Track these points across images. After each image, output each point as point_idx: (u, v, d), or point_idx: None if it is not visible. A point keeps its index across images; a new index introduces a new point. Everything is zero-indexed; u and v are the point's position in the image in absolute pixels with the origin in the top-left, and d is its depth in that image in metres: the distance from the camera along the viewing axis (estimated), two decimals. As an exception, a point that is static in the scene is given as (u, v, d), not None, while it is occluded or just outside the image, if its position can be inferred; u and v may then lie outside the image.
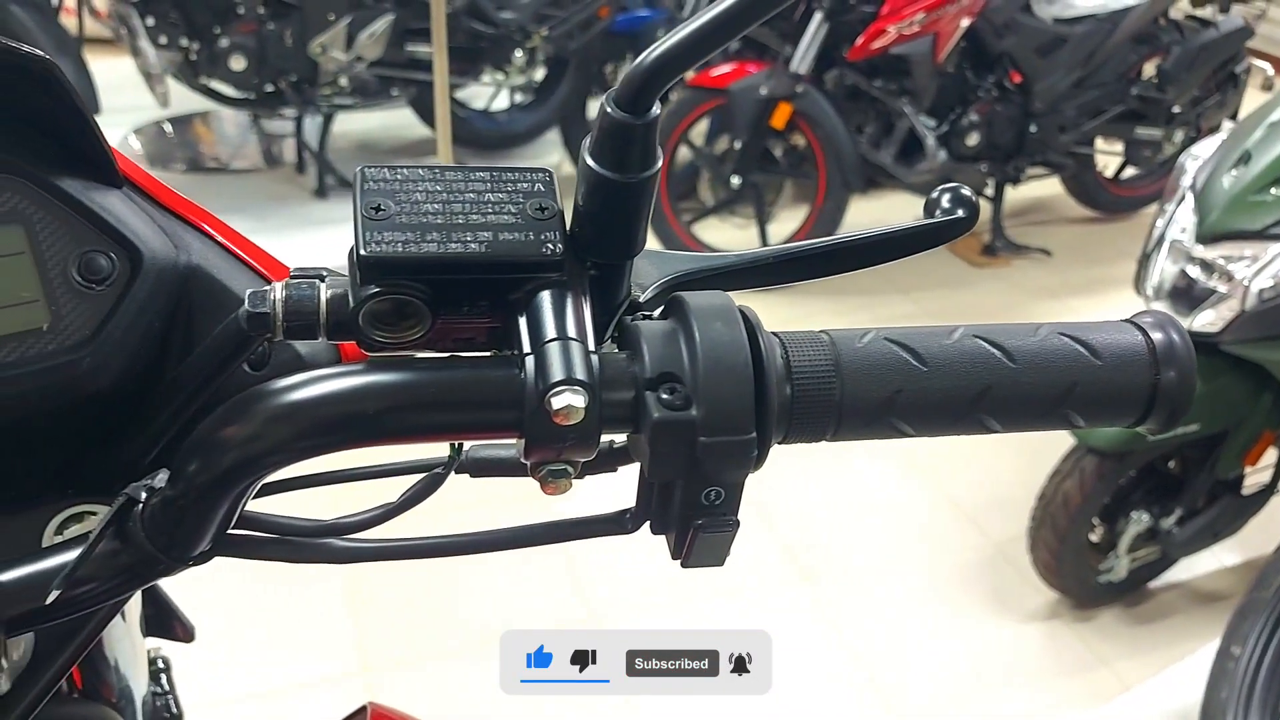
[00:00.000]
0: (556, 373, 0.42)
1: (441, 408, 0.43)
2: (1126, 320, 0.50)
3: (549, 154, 4.99)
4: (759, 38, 4.36)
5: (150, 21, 3.86)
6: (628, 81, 0.42)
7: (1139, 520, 2.39)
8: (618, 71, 5.12)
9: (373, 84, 4.28)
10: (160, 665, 0.82)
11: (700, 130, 4.22)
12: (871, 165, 4.05)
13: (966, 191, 0.55)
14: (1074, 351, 0.47)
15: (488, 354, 0.47)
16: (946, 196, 0.55)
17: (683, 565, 0.48)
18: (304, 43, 4.00)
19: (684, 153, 4.17)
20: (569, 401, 0.41)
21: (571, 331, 0.43)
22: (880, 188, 4.33)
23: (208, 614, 0.84)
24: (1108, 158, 4.64)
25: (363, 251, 0.43)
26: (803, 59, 3.82)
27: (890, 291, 4.00)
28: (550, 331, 0.43)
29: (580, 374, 0.42)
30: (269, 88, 4.10)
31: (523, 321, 0.44)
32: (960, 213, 0.54)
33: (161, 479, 0.49)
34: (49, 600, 0.46)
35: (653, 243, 0.49)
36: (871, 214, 4.51)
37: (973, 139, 4.02)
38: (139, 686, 0.73)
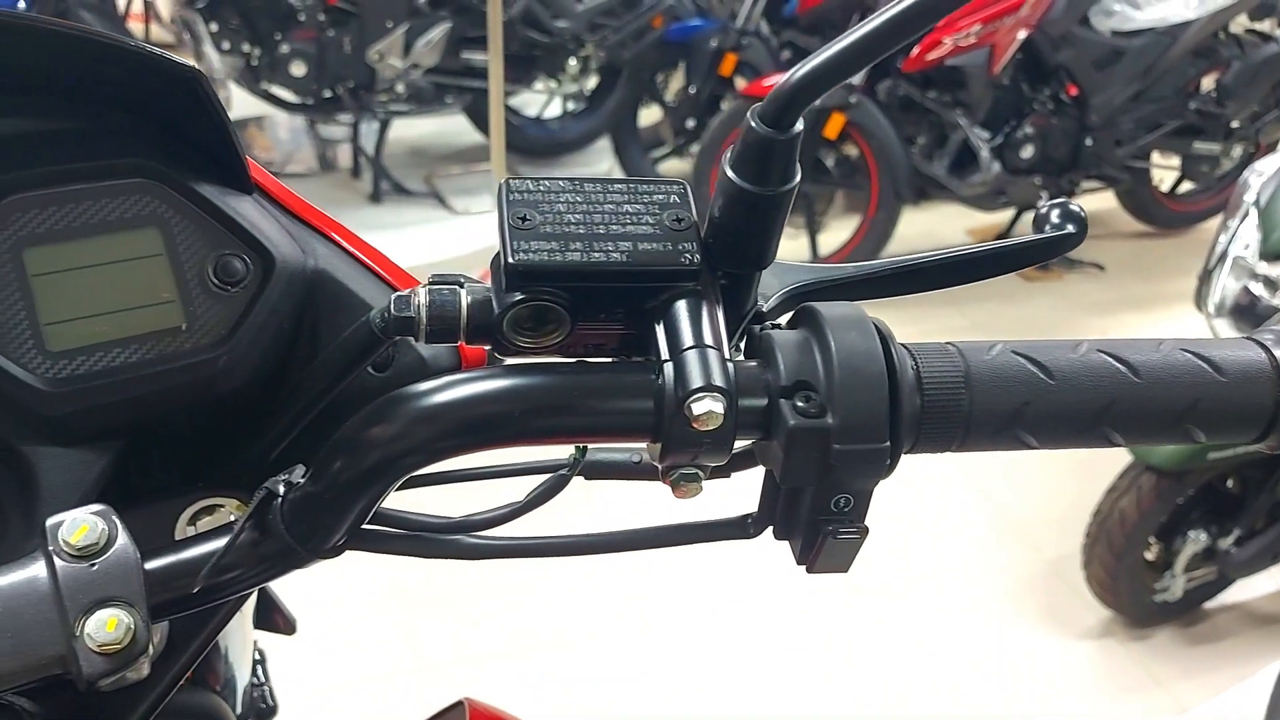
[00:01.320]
0: (696, 379, 0.43)
1: (581, 411, 0.45)
2: (1247, 337, 0.50)
3: (600, 161, 5.02)
4: (811, 47, 4.38)
5: (214, 27, 3.94)
6: (774, 98, 0.43)
7: (1196, 540, 2.36)
8: (669, 80, 5.15)
9: (428, 90, 4.33)
10: (258, 656, 0.84)
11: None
12: (923, 176, 4.04)
13: (1075, 206, 0.56)
14: (1197, 367, 0.47)
15: (620, 360, 0.48)
16: (1056, 212, 0.55)
17: (808, 570, 0.49)
18: (362, 49, 4.07)
19: (735, 162, 4.18)
20: (709, 408, 0.42)
21: (708, 339, 0.44)
22: (931, 199, 4.31)
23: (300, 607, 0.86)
24: (1164, 172, 4.60)
25: (511, 259, 0.45)
26: (857, 70, 3.82)
27: (942, 304, 3.98)
28: (688, 339, 0.44)
29: (719, 381, 0.43)
30: (327, 93, 4.17)
31: (659, 329, 0.45)
32: (1070, 228, 0.55)
33: (298, 474, 0.51)
34: (197, 588, 0.49)
35: None
36: (922, 225, 4.49)
37: (1027, 151, 4.00)
38: (242, 676, 0.75)
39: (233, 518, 0.57)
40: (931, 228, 4.61)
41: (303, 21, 4.00)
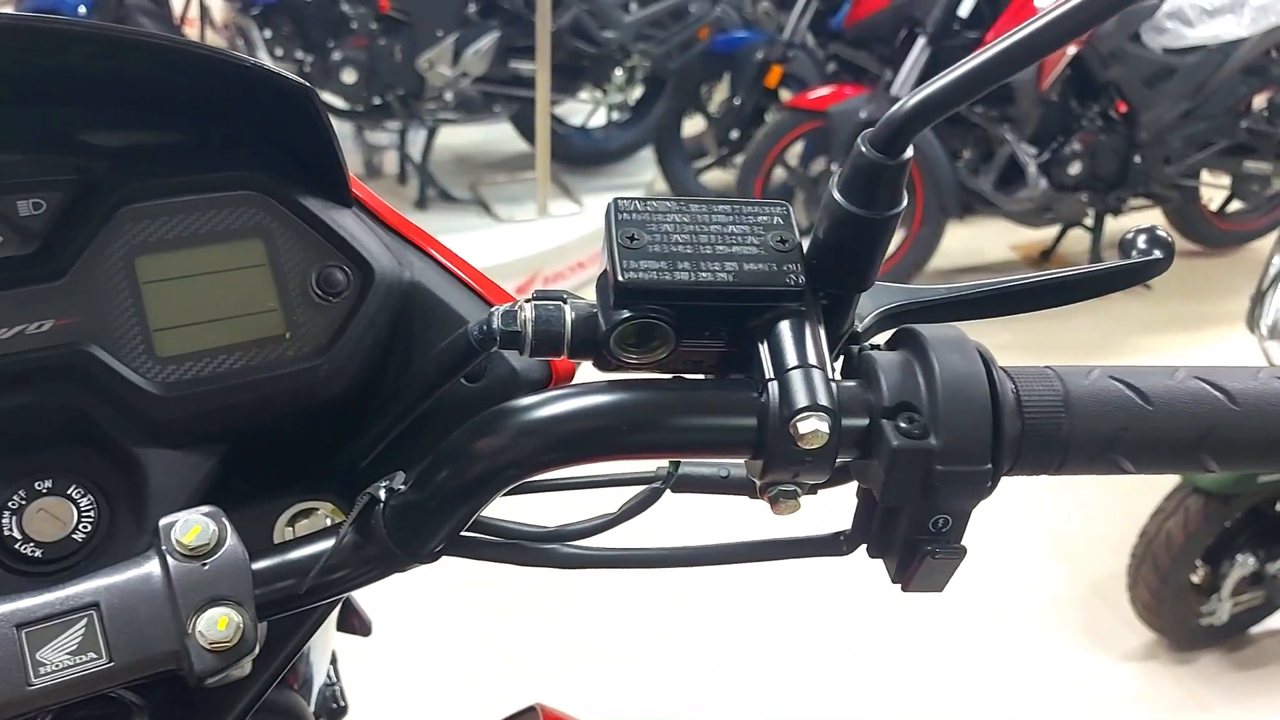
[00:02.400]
0: (801, 399, 0.44)
1: (684, 427, 0.46)
2: None
3: (643, 171, 5.04)
4: (857, 61, 4.38)
5: (268, 34, 4.00)
6: (886, 124, 0.44)
7: (1244, 563, 2.34)
8: (713, 91, 5.17)
9: (476, 99, 4.37)
10: (331, 657, 0.86)
11: (795, 152, 4.24)
12: (968, 191, 4.03)
13: (1163, 233, 0.56)
14: None
15: (722, 378, 0.49)
16: (1143, 238, 0.56)
17: (904, 589, 0.50)
18: (412, 58, 4.12)
19: (779, 173, 4.19)
20: (815, 426, 0.43)
21: (812, 359, 0.45)
22: (976, 214, 4.29)
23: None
24: (1213, 191, 4.55)
25: (620, 278, 0.46)
26: (904, 83, 3.82)
27: (987, 321, 3.96)
28: (792, 359, 0.45)
29: (824, 400, 0.44)
30: (377, 100, 4.22)
31: (763, 348, 0.46)
32: (1157, 253, 0.56)
33: (399, 481, 0.52)
34: (305, 589, 0.50)
35: None
36: (966, 240, 4.47)
37: (1075, 168, 3.97)
38: (319, 676, 0.77)
39: (329, 521, 0.58)
40: (975, 243, 4.59)
41: (355, 29, 4.05)
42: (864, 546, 0.51)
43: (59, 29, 0.51)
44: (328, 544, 0.51)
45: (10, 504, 0.53)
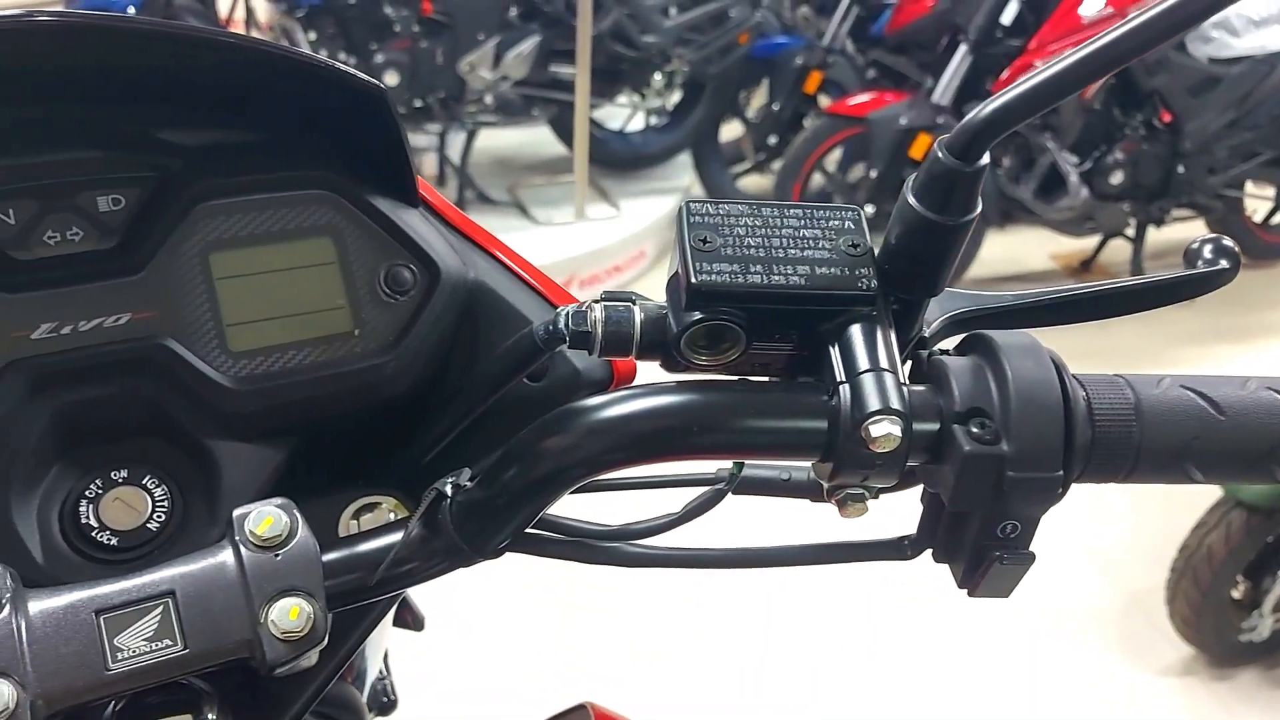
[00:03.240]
0: (873, 402, 0.44)
1: (754, 429, 0.47)
2: None
3: (680, 176, 5.05)
4: (897, 67, 4.36)
5: (312, 35, 4.04)
6: (963, 131, 0.44)
7: (1287, 580, 2.31)
8: (751, 96, 5.16)
9: (516, 102, 4.40)
10: (383, 651, 0.87)
11: (834, 158, 4.22)
12: (1008, 199, 4.00)
13: (1229, 243, 0.56)
14: None
15: (792, 380, 0.49)
16: (1209, 248, 0.56)
17: (970, 595, 0.50)
18: (454, 61, 4.14)
19: (817, 179, 4.18)
20: (887, 430, 0.44)
21: (884, 363, 0.46)
22: (1016, 222, 4.26)
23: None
24: (1257, 202, 4.49)
25: (694, 280, 0.46)
26: (945, 90, 3.81)
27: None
28: (864, 362, 0.46)
29: (896, 404, 0.44)
30: (418, 103, 4.25)
31: (834, 351, 0.47)
32: (1223, 263, 0.55)
33: (464, 477, 0.53)
34: (374, 581, 0.51)
35: None
36: (1005, 249, 4.44)
37: (1117, 177, 3.94)
38: (373, 670, 0.78)
39: (393, 516, 0.59)
40: (1015, 251, 4.55)
41: (398, 32, 4.08)
42: (929, 551, 0.52)
43: (142, 30, 0.52)
44: (395, 537, 0.52)
45: (88, 493, 0.54)
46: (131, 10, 3.91)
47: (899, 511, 0.61)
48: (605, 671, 2.39)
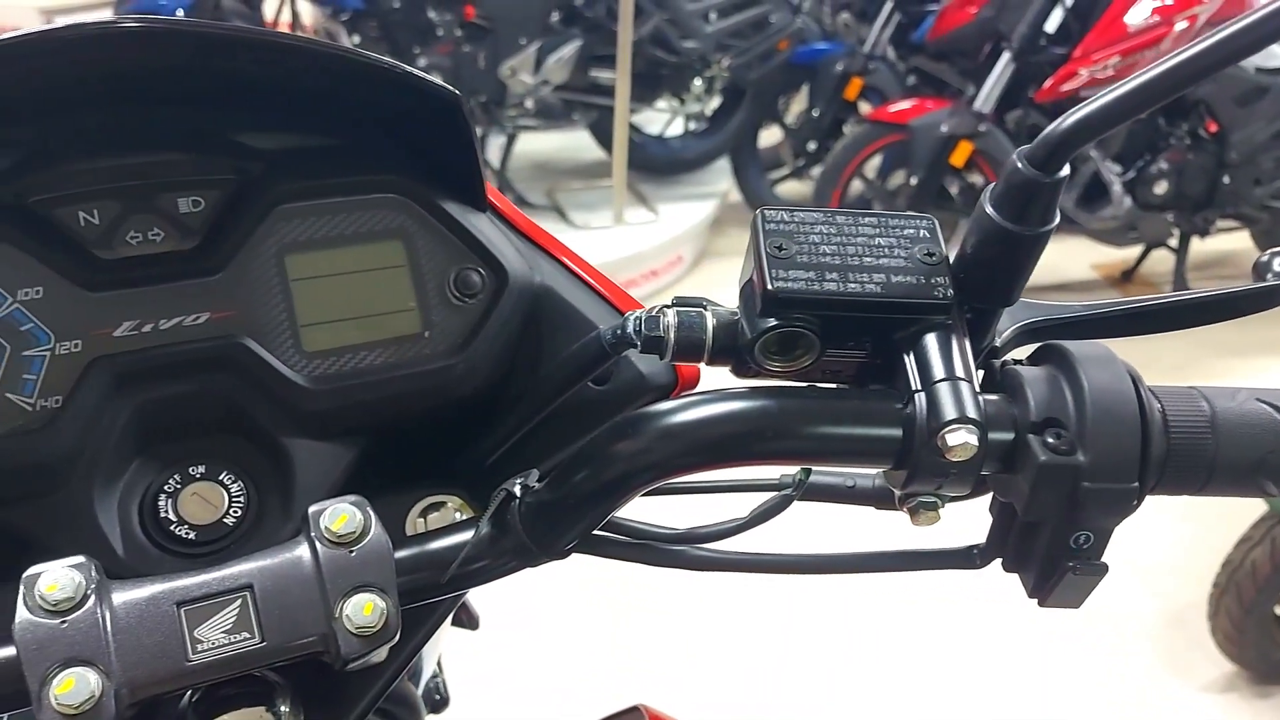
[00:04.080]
0: (949, 411, 0.45)
1: (827, 435, 0.47)
2: None
3: (719, 181, 5.05)
4: (939, 74, 4.34)
5: (356, 39, 4.09)
6: (1044, 141, 0.44)
7: (1333, 597, 2.27)
8: (790, 102, 5.16)
9: (556, 106, 4.42)
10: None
11: (873, 165, 4.21)
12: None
13: None
14: None
15: (865, 387, 0.49)
16: (1279, 260, 0.56)
17: (1041, 604, 0.50)
18: (496, 65, 4.17)
19: (856, 186, 4.17)
20: (964, 439, 0.44)
21: (959, 372, 0.46)
22: (1057, 231, 4.20)
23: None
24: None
25: (770, 286, 0.47)
26: (987, 98, 3.79)
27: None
28: (939, 371, 0.46)
29: (972, 413, 0.44)
30: (459, 106, 4.28)
31: (909, 360, 0.47)
32: None
33: (533, 478, 0.54)
34: (446, 579, 0.52)
35: None
36: (1046, 258, 4.35)
37: (1161, 187, 3.90)
38: (428, 668, 0.79)
39: (459, 515, 0.60)
40: (1056, 261, 4.52)
41: (440, 36, 4.12)
42: (998, 560, 0.52)
43: (228, 36, 0.53)
44: (464, 536, 0.53)
45: (166, 488, 0.56)
46: (180, 13, 3.97)
47: (957, 522, 0.61)
48: (661, 673, 2.39)
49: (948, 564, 0.55)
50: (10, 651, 0.45)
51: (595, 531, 0.53)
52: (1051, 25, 3.79)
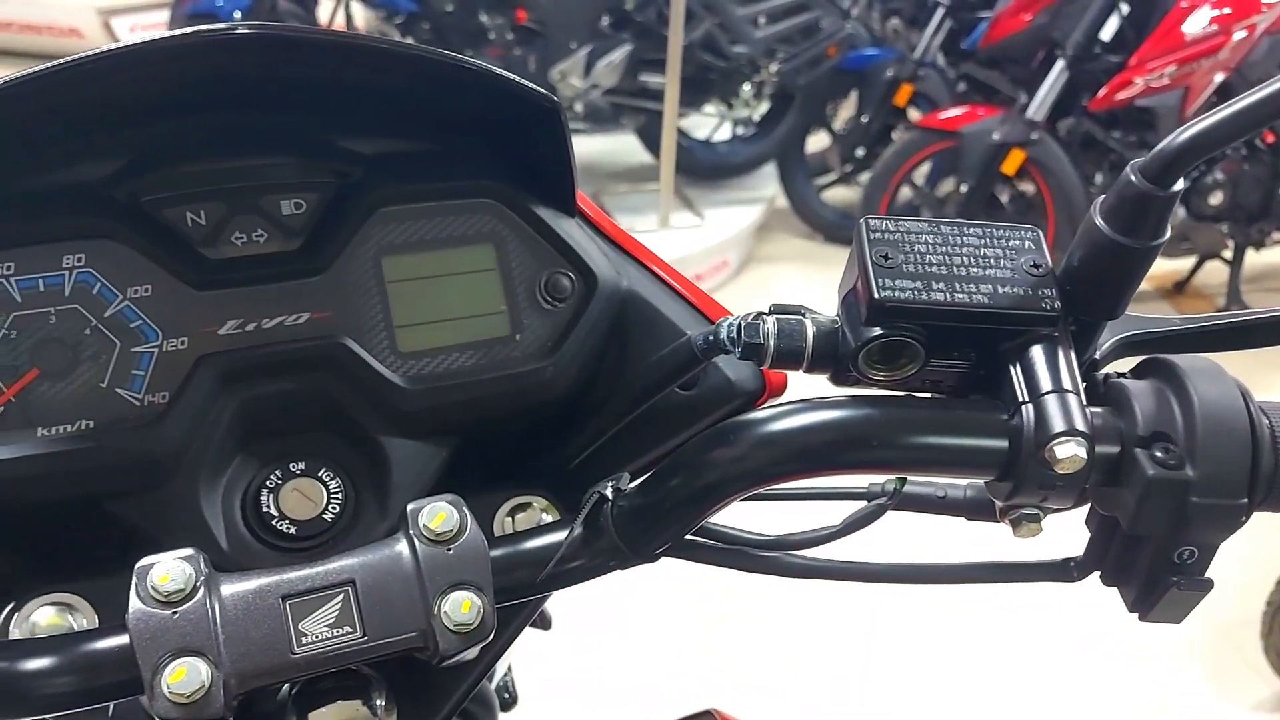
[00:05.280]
0: (1058, 424, 0.45)
1: (931, 445, 0.47)
2: None
3: (765, 186, 5.04)
4: (990, 81, 4.31)
5: (409, 41, 4.12)
6: (1158, 156, 0.44)
7: (1392, 616, 2.23)
8: (838, 108, 5.14)
9: (605, 110, 4.43)
10: (506, 649, 0.89)
11: (922, 171, 4.19)
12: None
13: None
14: None
15: (968, 398, 0.49)
16: None
17: (1141, 619, 0.50)
18: (546, 68, 4.20)
19: (905, 192, 4.15)
20: (1073, 452, 0.44)
21: (1067, 384, 0.46)
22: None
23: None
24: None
25: (876, 295, 0.47)
26: (1040, 106, 3.75)
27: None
28: (1046, 383, 0.46)
29: (1081, 426, 0.44)
30: (508, 109, 4.30)
31: (1015, 371, 0.47)
32: None
33: (624, 481, 0.54)
34: (541, 578, 0.53)
35: None
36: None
37: (1216, 198, 3.84)
38: (502, 668, 0.80)
39: (546, 516, 0.61)
40: (1105, 271, 4.46)
41: (492, 40, 4.15)
42: (1096, 574, 0.51)
43: (340, 42, 0.54)
44: (556, 537, 0.54)
45: (268, 483, 0.57)
46: (238, 15, 4.03)
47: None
48: (749, 681, 2.38)
49: (1043, 576, 0.55)
50: (123, 640, 0.47)
51: (687, 536, 0.54)
52: (1107, 33, 3.76)
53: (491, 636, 0.50)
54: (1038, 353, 0.47)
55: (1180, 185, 0.44)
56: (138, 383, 0.55)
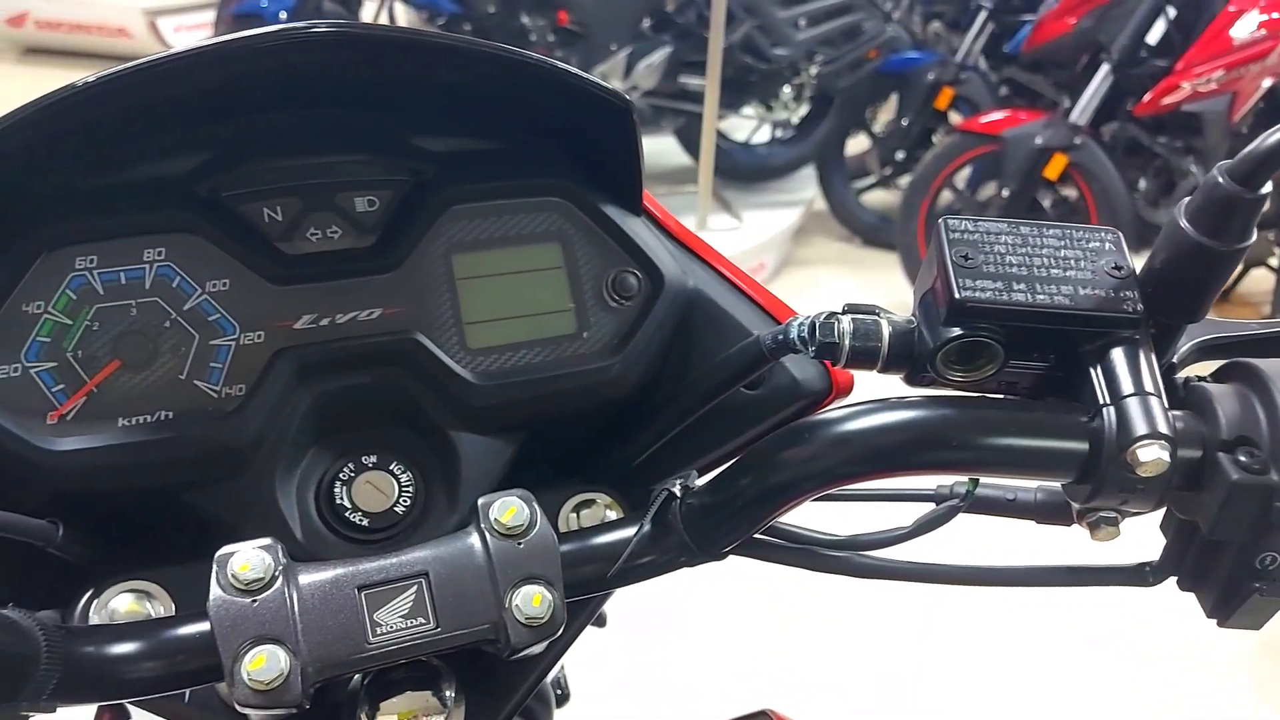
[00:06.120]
0: (1140, 427, 0.44)
1: (1009, 448, 0.47)
2: None
3: (804, 189, 5.03)
4: (1032, 85, 4.28)
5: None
6: (1247, 158, 0.44)
7: None
8: (878, 111, 5.12)
9: (645, 112, 4.43)
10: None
11: (962, 176, 4.16)
12: (1146, 224, 3.89)
13: None
14: None
15: (1046, 400, 0.49)
16: None
17: (1220, 625, 0.49)
18: (586, 70, 4.18)
19: (945, 196, 4.13)
20: (1157, 455, 0.44)
21: (1149, 387, 0.45)
22: (1150, 246, 4.13)
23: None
24: None
25: (957, 296, 0.47)
26: (1084, 110, 3.72)
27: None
28: (1128, 386, 0.46)
29: (1164, 429, 0.44)
30: (548, 110, 4.32)
31: (1096, 373, 0.47)
32: None
33: (693, 479, 0.55)
34: (611, 573, 0.53)
35: (906, 286, 0.51)
36: (1138, 274, 4.30)
37: (1265, 205, 3.79)
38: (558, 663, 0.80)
39: (610, 513, 0.61)
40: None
41: (533, 41, 4.16)
42: (1173, 579, 0.51)
43: (423, 41, 0.55)
44: (624, 534, 0.54)
45: (341, 475, 0.58)
46: (284, 16, 4.07)
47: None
48: (818, 681, 2.37)
49: (1118, 580, 0.54)
50: (204, 627, 0.47)
51: (756, 535, 0.54)
52: (1153, 37, 3.72)
53: (562, 630, 0.51)
54: (1119, 355, 0.47)
55: (1268, 188, 0.44)
56: (215, 375, 0.56)
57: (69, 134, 0.53)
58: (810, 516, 0.56)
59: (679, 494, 0.54)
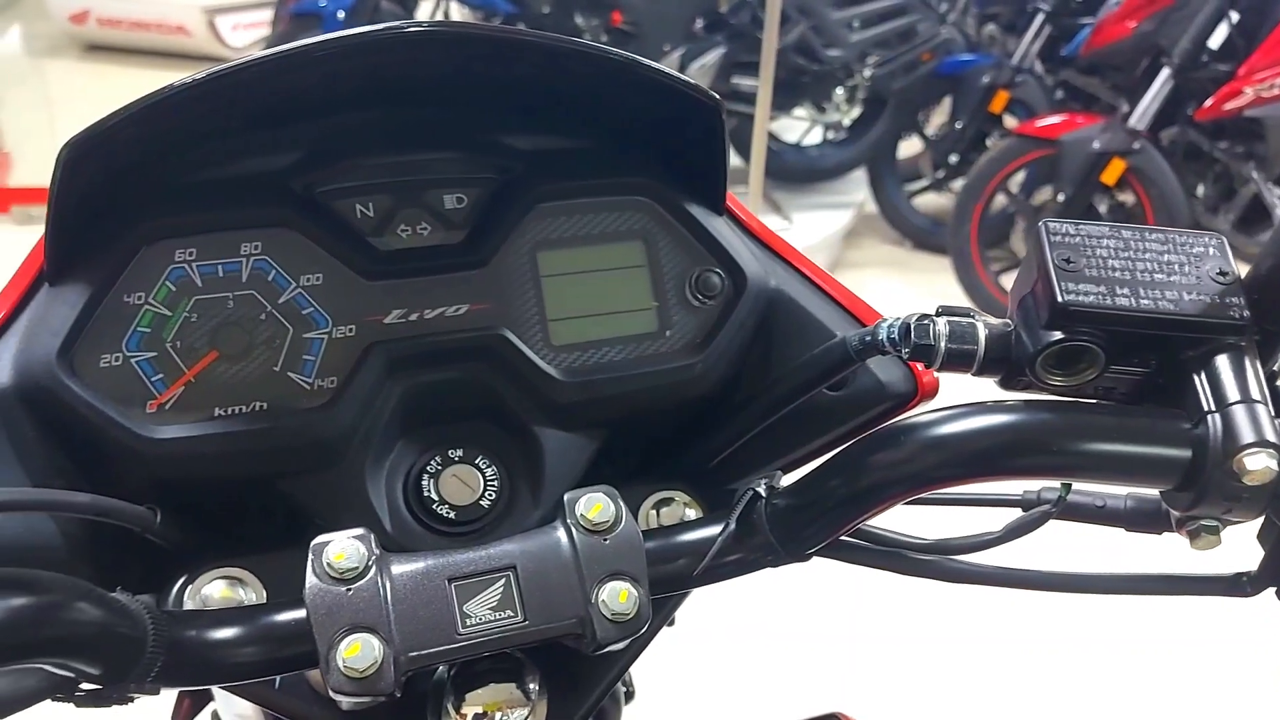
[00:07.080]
0: (1247, 435, 0.44)
1: (1109, 453, 0.46)
2: None
3: (855, 191, 5.00)
4: (1089, 89, 4.22)
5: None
6: None
7: None
8: (930, 114, 5.08)
9: (697, 113, 4.43)
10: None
11: (1016, 180, 4.12)
12: (1204, 229, 3.82)
13: None
14: None
15: (1147, 406, 0.49)
16: None
17: None
18: (639, 70, 4.21)
19: (999, 200, 4.08)
20: (1265, 464, 0.43)
21: (1255, 395, 0.45)
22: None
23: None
24: None
25: (1059, 299, 0.47)
26: (1143, 115, 3.66)
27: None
28: (1234, 393, 0.45)
29: (1272, 437, 0.44)
30: (600, 110, 4.33)
31: (1199, 380, 0.46)
32: None
33: (778, 479, 0.55)
34: (697, 571, 0.53)
35: (958, 291, 0.50)
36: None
37: (1332, 213, 3.72)
38: (625, 659, 0.80)
39: (689, 511, 0.62)
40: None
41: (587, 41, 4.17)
42: (1272, 589, 0.51)
43: (513, 40, 0.56)
44: (708, 532, 0.54)
45: (429, 468, 0.58)
46: (341, 16, 4.12)
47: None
48: (893, 685, 2.36)
49: (1214, 590, 0.54)
50: (299, 614, 0.48)
51: (842, 537, 0.54)
52: (1215, 41, 3.65)
53: (648, 626, 0.51)
54: (1223, 362, 0.46)
55: None
56: (309, 367, 0.57)
57: (169, 132, 0.54)
58: (883, 519, 0.55)
59: (764, 494, 0.54)
